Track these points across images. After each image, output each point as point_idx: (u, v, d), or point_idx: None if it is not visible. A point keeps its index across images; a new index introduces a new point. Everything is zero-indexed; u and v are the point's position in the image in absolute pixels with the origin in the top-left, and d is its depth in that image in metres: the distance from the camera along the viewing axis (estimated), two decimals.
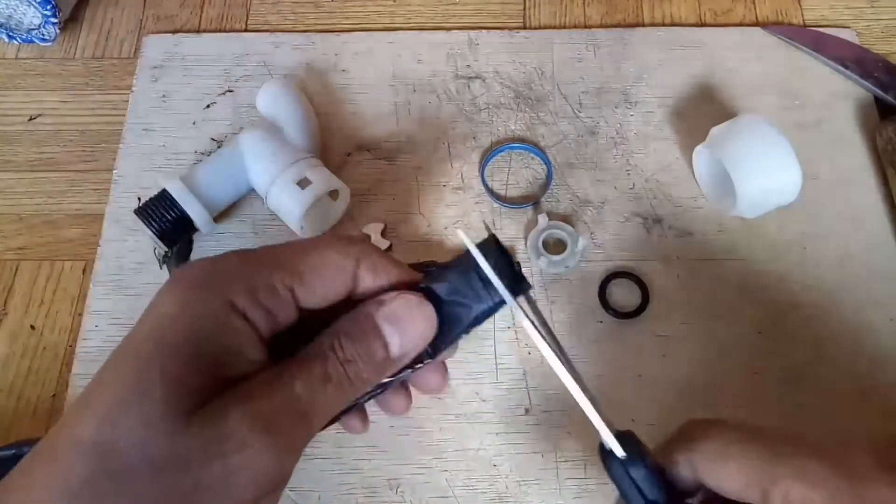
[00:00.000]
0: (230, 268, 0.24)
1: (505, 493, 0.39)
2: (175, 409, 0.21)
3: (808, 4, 0.54)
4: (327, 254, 0.26)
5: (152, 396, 0.21)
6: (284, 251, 0.26)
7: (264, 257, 0.25)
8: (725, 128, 0.43)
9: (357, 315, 0.26)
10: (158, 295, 0.24)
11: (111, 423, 0.21)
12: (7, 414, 0.42)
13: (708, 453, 0.26)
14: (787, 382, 0.42)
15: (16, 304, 0.45)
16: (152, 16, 0.55)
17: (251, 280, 0.24)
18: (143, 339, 0.23)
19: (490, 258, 0.27)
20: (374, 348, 0.25)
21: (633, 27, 0.53)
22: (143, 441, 0.21)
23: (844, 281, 0.44)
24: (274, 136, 0.44)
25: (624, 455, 0.27)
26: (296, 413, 0.23)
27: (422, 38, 0.52)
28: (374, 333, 0.25)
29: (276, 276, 0.24)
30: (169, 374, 0.22)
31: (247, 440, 0.22)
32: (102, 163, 0.49)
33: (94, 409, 0.22)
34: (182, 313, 0.23)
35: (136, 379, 0.22)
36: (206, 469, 0.21)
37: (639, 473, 0.27)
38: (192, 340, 0.23)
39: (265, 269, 0.25)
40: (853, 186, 0.47)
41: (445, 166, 0.48)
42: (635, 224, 0.46)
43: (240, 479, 0.22)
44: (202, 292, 0.24)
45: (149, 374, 0.22)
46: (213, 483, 0.21)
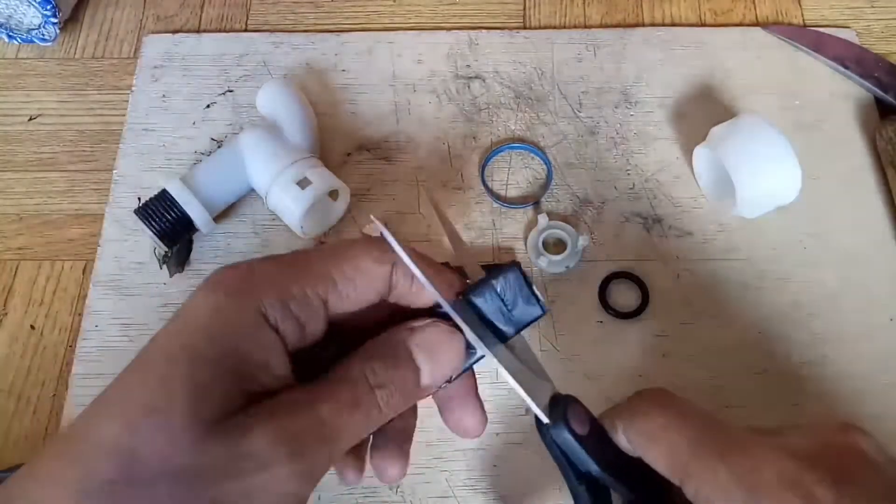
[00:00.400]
0: (265, 274, 0.24)
1: (505, 493, 0.39)
2: (199, 419, 0.21)
3: (808, 4, 0.54)
4: (362, 261, 0.25)
5: (177, 405, 0.21)
6: (319, 258, 0.25)
7: (299, 264, 0.25)
8: (725, 128, 0.43)
9: (389, 340, 0.25)
10: (192, 297, 0.24)
11: (134, 427, 0.21)
12: (7, 414, 0.42)
13: (642, 432, 0.26)
14: (787, 382, 0.42)
15: (16, 304, 0.45)
16: (152, 16, 0.55)
17: (285, 289, 0.24)
18: (171, 343, 0.23)
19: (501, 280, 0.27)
20: (406, 375, 0.25)
21: (633, 27, 0.53)
22: (164, 450, 0.21)
23: (844, 281, 0.44)
24: (274, 136, 0.44)
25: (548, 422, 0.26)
26: (320, 438, 0.23)
27: (422, 38, 0.52)
28: (406, 359, 0.25)
29: (309, 286, 0.24)
30: (195, 382, 0.22)
31: (268, 462, 0.21)
32: (102, 163, 0.49)
33: (118, 411, 0.22)
34: (213, 320, 0.23)
35: (161, 384, 0.22)
36: (225, 486, 0.21)
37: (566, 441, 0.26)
38: (220, 350, 0.22)
39: (300, 279, 0.24)
40: (853, 186, 0.47)
41: (445, 166, 0.48)
42: (635, 224, 0.46)
43: (258, 499, 0.21)
44: (235, 299, 0.23)
45: (175, 381, 0.22)
46: (230, 501, 0.21)
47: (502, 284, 0.27)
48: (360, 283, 0.25)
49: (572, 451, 0.26)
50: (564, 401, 0.27)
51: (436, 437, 0.40)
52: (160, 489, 0.20)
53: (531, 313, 0.27)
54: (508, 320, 0.27)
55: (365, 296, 0.26)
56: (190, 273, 0.45)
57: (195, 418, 0.21)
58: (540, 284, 0.44)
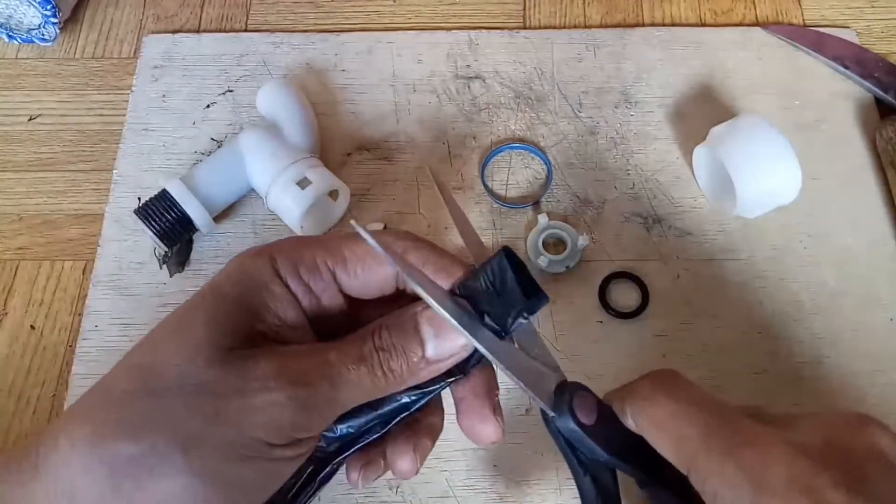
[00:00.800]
0: (282, 244, 0.27)
1: (505, 493, 0.39)
2: (212, 344, 0.24)
3: (808, 4, 0.54)
4: None
5: (193, 329, 0.24)
6: (332, 238, 0.28)
7: (314, 240, 0.28)
8: (725, 128, 0.43)
9: (401, 311, 0.27)
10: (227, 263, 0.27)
11: (155, 347, 0.25)
12: (7, 414, 0.42)
13: (649, 419, 0.26)
14: (787, 382, 0.42)
15: (16, 304, 0.45)
16: (152, 16, 0.55)
17: (296, 255, 0.27)
18: (201, 290, 0.26)
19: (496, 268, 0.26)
20: (411, 345, 0.26)
21: (633, 27, 0.53)
22: (179, 366, 0.24)
23: (844, 281, 0.44)
24: (274, 136, 0.44)
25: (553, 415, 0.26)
26: (323, 375, 0.24)
27: (422, 38, 0.52)
28: (413, 331, 0.26)
29: (319, 256, 0.27)
30: (212, 314, 0.25)
31: (269, 384, 0.23)
32: (102, 163, 0.49)
33: (147, 339, 0.26)
34: (234, 272, 0.26)
35: (185, 315, 0.25)
36: (228, 400, 0.23)
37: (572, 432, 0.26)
38: (237, 290, 0.26)
39: (311, 248, 0.27)
40: (853, 186, 0.47)
41: (445, 166, 0.48)
42: (635, 224, 0.46)
43: (255, 418, 0.23)
44: (255, 258, 0.27)
45: (197, 311, 0.25)
46: (231, 414, 0.23)
47: (489, 273, 0.26)
48: (368, 263, 0.27)
49: (578, 440, 0.26)
50: (570, 389, 0.26)
51: None
52: (172, 398, 0.23)
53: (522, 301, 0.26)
54: (504, 310, 0.26)
55: (375, 276, 0.27)
56: (190, 273, 0.45)
57: (211, 342, 0.24)
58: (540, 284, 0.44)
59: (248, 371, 0.24)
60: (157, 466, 0.22)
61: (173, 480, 0.22)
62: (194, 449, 0.23)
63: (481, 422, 0.28)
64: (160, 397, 0.23)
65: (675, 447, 0.25)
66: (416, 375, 0.26)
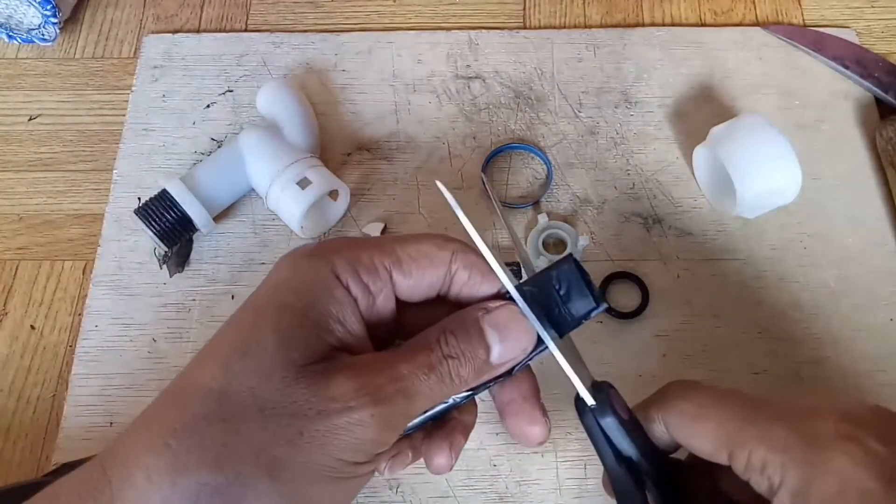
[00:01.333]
0: (336, 245, 0.27)
1: (505, 493, 0.39)
2: (285, 361, 0.23)
3: (808, 4, 0.54)
4: (425, 244, 0.27)
5: (266, 347, 0.23)
6: (385, 239, 0.28)
7: (367, 241, 0.27)
8: (725, 128, 0.43)
9: (463, 316, 0.27)
10: (274, 265, 0.26)
11: (227, 369, 0.23)
12: (7, 414, 0.42)
13: (682, 414, 0.27)
14: (787, 382, 0.42)
15: (16, 304, 0.45)
16: (152, 16, 0.55)
17: (355, 255, 0.26)
18: (259, 298, 0.25)
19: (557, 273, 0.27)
20: (477, 350, 0.26)
21: (633, 27, 0.53)
22: (254, 388, 0.23)
23: (844, 281, 0.44)
24: (274, 136, 0.44)
25: (593, 404, 0.27)
26: (399, 391, 0.24)
27: (422, 38, 0.52)
28: (478, 336, 0.26)
29: (376, 256, 0.26)
30: (281, 328, 0.24)
31: (352, 405, 0.23)
32: (102, 163, 0.49)
33: (213, 357, 0.24)
34: (293, 276, 0.25)
35: (251, 331, 0.24)
36: (311, 423, 0.22)
37: (609, 424, 0.27)
38: (302, 300, 0.25)
39: (368, 249, 0.26)
40: (853, 186, 0.47)
41: (445, 166, 0.48)
42: (635, 224, 0.46)
43: (340, 439, 0.23)
44: (311, 260, 0.26)
45: (263, 327, 0.24)
46: (315, 437, 0.22)
47: (557, 276, 0.27)
48: (422, 263, 0.27)
49: (615, 434, 0.27)
50: (607, 386, 0.28)
51: None
52: (252, 423, 0.22)
53: (586, 306, 0.27)
54: (564, 314, 0.27)
55: (428, 277, 0.27)
56: (190, 273, 0.45)
57: (283, 360, 0.23)
58: None
59: (327, 390, 0.23)
60: (243, 495, 0.22)
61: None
62: (280, 474, 0.22)
63: (531, 423, 0.28)
64: (239, 423, 0.22)
65: (714, 432, 0.26)
66: (480, 378, 0.26)
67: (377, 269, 0.26)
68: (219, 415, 0.22)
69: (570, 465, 0.40)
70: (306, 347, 0.24)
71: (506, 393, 0.28)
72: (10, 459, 0.41)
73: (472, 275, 0.27)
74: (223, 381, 0.23)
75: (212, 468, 0.22)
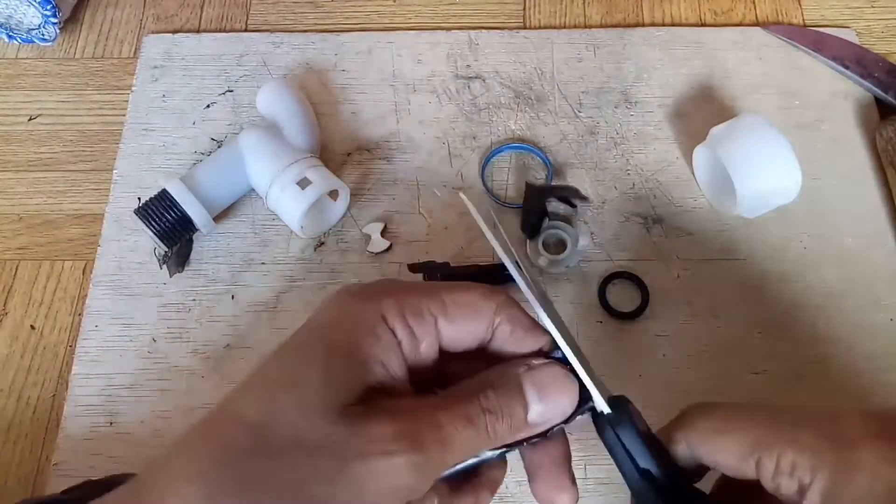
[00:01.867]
0: (385, 287, 0.27)
1: (505, 493, 0.39)
2: (329, 400, 0.23)
3: (808, 4, 0.54)
4: (470, 293, 0.27)
5: (309, 385, 0.23)
6: (432, 285, 0.28)
7: (414, 286, 0.27)
8: (725, 128, 0.43)
9: (504, 371, 0.26)
10: (323, 302, 0.26)
11: (270, 404, 0.23)
12: (7, 414, 0.42)
13: (705, 430, 0.27)
14: (787, 382, 0.42)
15: (16, 304, 0.45)
16: (152, 16, 0.55)
17: (402, 298, 0.26)
18: (305, 334, 0.25)
19: None
20: (516, 407, 0.26)
21: (633, 27, 0.53)
22: (296, 424, 0.23)
23: (844, 281, 0.44)
24: (274, 136, 0.44)
25: (611, 413, 0.27)
26: (437, 440, 0.24)
27: (422, 38, 0.52)
28: (518, 393, 0.26)
29: (423, 302, 0.26)
30: (327, 366, 0.24)
31: (390, 449, 0.23)
32: (102, 163, 0.49)
33: (256, 390, 0.24)
34: (341, 316, 0.25)
35: (297, 368, 0.24)
36: (350, 463, 0.22)
37: (629, 437, 0.27)
38: (348, 340, 0.25)
39: (415, 294, 0.26)
40: (853, 186, 0.47)
41: (445, 166, 0.48)
42: (635, 224, 0.46)
43: (377, 483, 0.22)
44: (359, 300, 0.26)
45: (309, 364, 0.24)
46: (352, 477, 0.22)
47: None
48: (467, 312, 0.27)
49: (636, 447, 0.27)
50: (625, 400, 0.28)
51: None
52: (293, 459, 0.22)
53: None
54: None
55: (472, 326, 0.27)
56: (190, 273, 0.45)
57: (326, 398, 0.23)
58: (540, 285, 0.44)
59: (367, 432, 0.23)
60: None
61: None
62: None
63: (560, 490, 0.28)
64: (278, 457, 0.22)
65: (739, 442, 0.26)
66: (517, 436, 0.26)
67: (423, 314, 0.26)
68: (258, 448, 0.22)
69: None
70: (349, 388, 0.24)
71: (537, 455, 0.28)
72: (10, 459, 0.41)
73: (515, 329, 0.27)
74: (265, 415, 0.23)
75: (250, 501, 0.22)
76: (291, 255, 0.45)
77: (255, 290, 0.44)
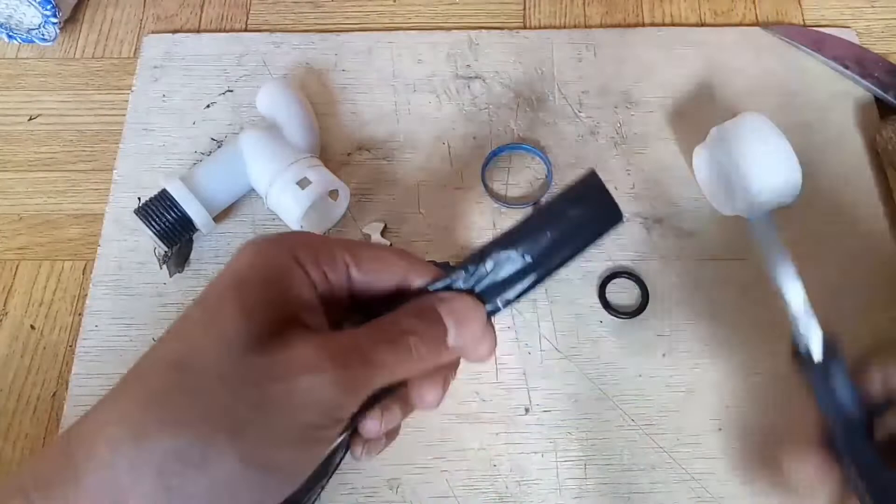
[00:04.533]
0: (299, 234, 0.28)
1: (505, 493, 0.39)
2: (247, 334, 0.24)
3: (808, 4, 0.54)
4: (386, 251, 0.29)
5: (226, 322, 0.24)
6: (348, 239, 0.29)
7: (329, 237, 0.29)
8: (725, 128, 0.43)
9: (420, 303, 0.28)
10: (238, 250, 0.27)
11: (190, 344, 0.24)
12: (7, 414, 0.42)
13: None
14: (787, 382, 0.41)
15: (16, 304, 0.45)
16: (152, 16, 0.55)
17: (315, 245, 0.27)
18: (221, 278, 0.26)
19: None
20: (435, 329, 0.27)
21: (633, 27, 0.53)
22: (216, 359, 0.23)
23: (844, 281, 0.44)
24: (274, 136, 0.44)
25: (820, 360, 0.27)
26: (359, 356, 0.25)
27: (422, 38, 0.52)
28: (436, 317, 0.27)
29: (336, 249, 0.27)
30: (242, 303, 0.25)
31: (310, 366, 0.23)
32: (102, 163, 0.49)
33: (175, 333, 0.25)
34: (254, 259, 0.26)
35: (213, 308, 0.25)
36: (271, 387, 0.23)
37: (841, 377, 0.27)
38: (262, 279, 0.26)
39: (328, 243, 0.28)
40: (853, 186, 0.47)
41: (445, 166, 0.48)
42: (635, 224, 0.46)
43: (301, 400, 0.23)
44: (272, 245, 0.27)
45: (226, 302, 0.25)
46: (275, 400, 0.23)
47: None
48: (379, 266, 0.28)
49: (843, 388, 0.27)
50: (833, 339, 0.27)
51: (436, 437, 0.40)
52: (212, 392, 0.23)
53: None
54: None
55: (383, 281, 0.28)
56: (190, 273, 0.45)
57: (243, 332, 0.24)
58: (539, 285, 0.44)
59: (288, 356, 0.24)
60: (205, 457, 0.22)
61: (223, 470, 0.22)
62: (241, 436, 0.22)
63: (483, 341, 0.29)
64: (199, 391, 0.23)
65: None
66: (438, 358, 0.27)
67: (336, 260, 0.27)
68: (181, 385, 0.23)
69: (571, 465, 0.40)
70: (267, 321, 0.24)
71: None
72: (10, 459, 0.41)
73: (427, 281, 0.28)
74: (184, 354, 0.24)
75: (174, 432, 0.22)
76: None
77: None
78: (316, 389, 0.23)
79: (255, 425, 0.23)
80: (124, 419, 0.23)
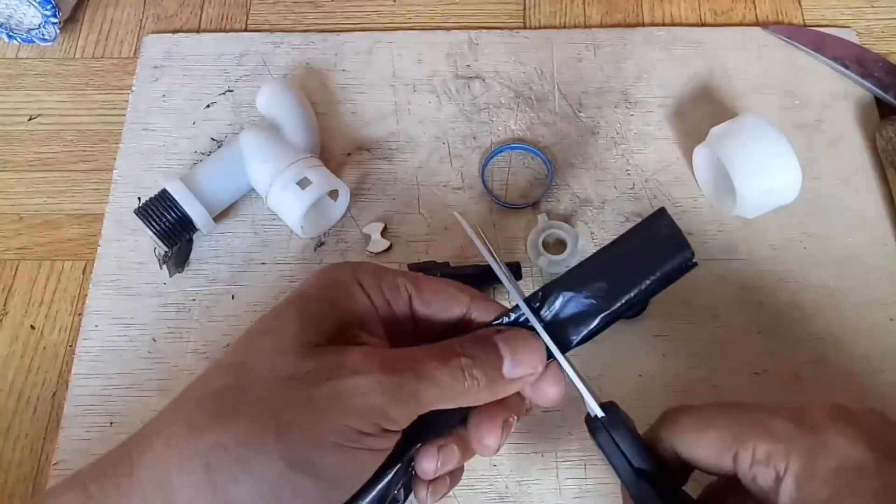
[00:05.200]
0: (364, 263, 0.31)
1: (505, 493, 0.39)
2: (304, 340, 0.25)
3: (808, 4, 0.54)
4: (448, 286, 0.29)
5: (285, 330, 0.26)
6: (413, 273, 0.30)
7: (396, 270, 0.29)
8: (725, 128, 0.43)
9: (476, 333, 0.28)
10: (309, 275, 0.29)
11: (249, 346, 0.26)
12: (7, 414, 0.42)
13: (685, 427, 0.28)
14: (787, 382, 0.42)
15: (16, 304, 0.45)
16: (152, 16, 0.55)
17: (380, 273, 0.29)
18: (288, 297, 0.28)
19: None
20: (489, 355, 0.27)
21: (633, 27, 0.53)
22: (271, 362, 0.25)
23: (844, 281, 0.44)
24: (274, 136, 0.44)
25: (604, 416, 0.28)
26: (408, 364, 0.25)
27: (422, 38, 0.52)
28: (492, 347, 0.27)
29: (400, 279, 0.29)
30: (302, 313, 0.26)
31: (360, 369, 0.24)
32: (102, 163, 0.49)
33: (240, 341, 0.26)
34: (319, 278, 0.28)
35: (277, 315, 0.27)
36: (319, 387, 0.24)
37: (622, 438, 0.28)
38: (323, 295, 0.27)
39: (393, 272, 0.29)
40: (853, 186, 0.47)
41: (445, 166, 0.48)
42: (635, 224, 0.46)
43: (347, 403, 0.24)
44: (337, 268, 0.29)
45: (288, 311, 0.26)
46: (321, 400, 0.24)
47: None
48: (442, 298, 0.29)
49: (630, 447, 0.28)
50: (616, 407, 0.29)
51: None
52: (267, 391, 0.24)
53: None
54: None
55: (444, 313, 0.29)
56: (190, 273, 0.45)
57: (301, 338, 0.25)
58: (540, 284, 0.44)
59: (338, 359, 0.24)
60: (251, 455, 0.23)
61: (267, 469, 0.23)
62: (287, 436, 0.23)
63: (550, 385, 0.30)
64: (252, 390, 0.24)
65: (717, 438, 0.27)
66: (493, 388, 0.27)
67: (398, 289, 0.28)
68: (236, 384, 0.24)
69: (570, 465, 0.40)
70: (324, 331, 0.25)
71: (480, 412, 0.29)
72: (10, 459, 0.41)
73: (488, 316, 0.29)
74: (242, 357, 0.25)
75: (224, 426, 0.23)
76: (291, 255, 0.45)
77: (255, 290, 0.44)
78: (361, 391, 0.24)
79: (300, 426, 0.23)
80: (181, 416, 0.24)
